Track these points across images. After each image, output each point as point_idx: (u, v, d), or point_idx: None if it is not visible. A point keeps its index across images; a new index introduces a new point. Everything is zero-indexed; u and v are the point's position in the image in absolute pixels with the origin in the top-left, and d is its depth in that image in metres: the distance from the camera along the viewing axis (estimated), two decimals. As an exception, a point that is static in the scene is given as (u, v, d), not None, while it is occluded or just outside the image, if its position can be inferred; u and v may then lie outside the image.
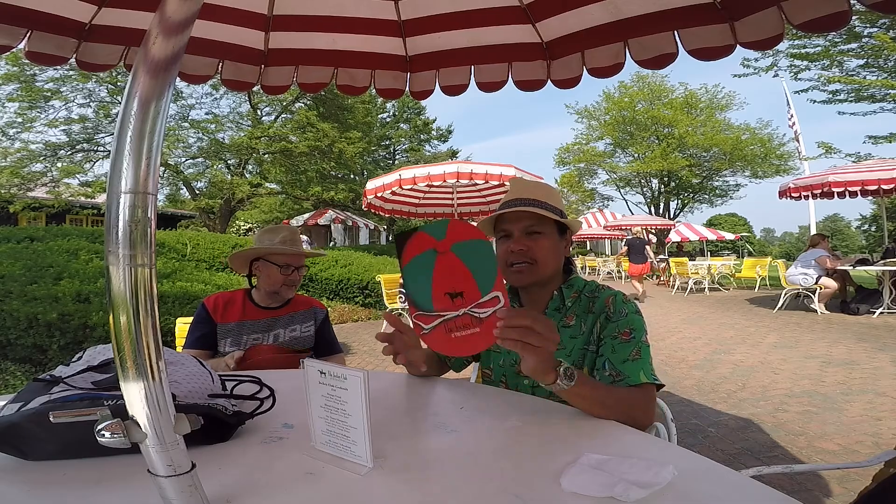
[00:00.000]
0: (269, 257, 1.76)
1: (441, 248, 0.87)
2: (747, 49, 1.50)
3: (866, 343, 4.98)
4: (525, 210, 1.12)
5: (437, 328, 0.85)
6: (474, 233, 0.88)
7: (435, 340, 0.86)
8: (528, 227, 1.14)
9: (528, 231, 1.14)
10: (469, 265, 0.85)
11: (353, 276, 8.12)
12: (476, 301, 0.83)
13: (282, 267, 1.75)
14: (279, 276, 1.75)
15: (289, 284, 1.78)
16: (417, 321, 0.88)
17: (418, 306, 0.87)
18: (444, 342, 0.85)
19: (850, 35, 11.14)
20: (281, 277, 1.75)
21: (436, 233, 0.88)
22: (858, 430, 2.72)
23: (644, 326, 1.08)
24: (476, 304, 0.83)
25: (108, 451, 0.69)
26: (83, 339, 4.06)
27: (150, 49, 0.48)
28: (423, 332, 0.87)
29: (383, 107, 24.63)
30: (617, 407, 0.90)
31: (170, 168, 15.58)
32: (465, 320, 0.83)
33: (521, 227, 1.14)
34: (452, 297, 0.84)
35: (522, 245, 1.13)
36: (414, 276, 0.88)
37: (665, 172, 22.49)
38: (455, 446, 0.78)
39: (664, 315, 7.68)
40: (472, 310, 0.83)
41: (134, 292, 0.46)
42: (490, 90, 1.96)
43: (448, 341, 0.84)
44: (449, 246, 0.86)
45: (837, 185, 7.53)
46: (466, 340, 0.83)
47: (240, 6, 1.75)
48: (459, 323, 0.84)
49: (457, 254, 0.86)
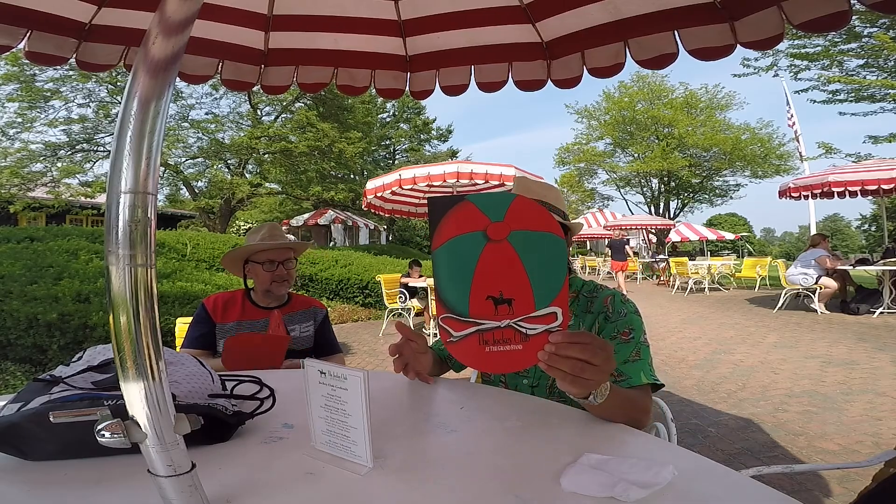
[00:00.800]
0: (252, 257, 1.76)
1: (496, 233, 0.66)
2: (747, 49, 1.50)
3: (866, 343, 4.98)
4: None
5: (470, 338, 0.68)
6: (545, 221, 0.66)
7: (465, 352, 0.69)
8: None
9: None
10: (528, 265, 0.66)
11: (353, 276, 8.13)
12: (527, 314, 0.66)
13: (264, 264, 1.74)
14: (265, 274, 1.74)
15: (278, 280, 1.75)
16: (445, 325, 0.69)
17: (449, 306, 0.68)
18: (477, 356, 0.68)
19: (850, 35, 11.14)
20: (267, 275, 1.74)
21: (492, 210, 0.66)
22: (858, 430, 2.72)
23: (643, 326, 1.08)
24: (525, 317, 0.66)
25: (108, 451, 0.69)
26: (83, 339, 4.06)
27: (150, 49, 0.48)
28: (451, 340, 0.69)
29: (383, 107, 24.64)
30: (623, 409, 0.89)
31: (170, 168, 15.58)
32: (506, 333, 0.67)
33: None
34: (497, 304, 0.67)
35: None
36: (450, 263, 0.67)
37: (665, 172, 22.49)
38: (455, 446, 0.78)
39: (664, 315, 7.68)
40: (518, 323, 0.66)
41: (134, 292, 0.46)
42: (490, 90, 1.96)
43: (481, 355, 0.68)
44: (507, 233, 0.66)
45: (837, 185, 7.54)
46: (504, 357, 0.67)
47: (240, 6, 1.75)
48: (499, 335, 0.67)
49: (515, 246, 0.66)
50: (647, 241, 22.90)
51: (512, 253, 0.66)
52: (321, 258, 8.72)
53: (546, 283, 0.66)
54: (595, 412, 0.87)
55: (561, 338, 0.65)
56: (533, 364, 0.68)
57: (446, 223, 0.67)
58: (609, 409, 0.85)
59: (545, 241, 0.66)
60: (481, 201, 0.67)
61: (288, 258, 1.77)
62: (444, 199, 0.67)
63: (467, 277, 0.67)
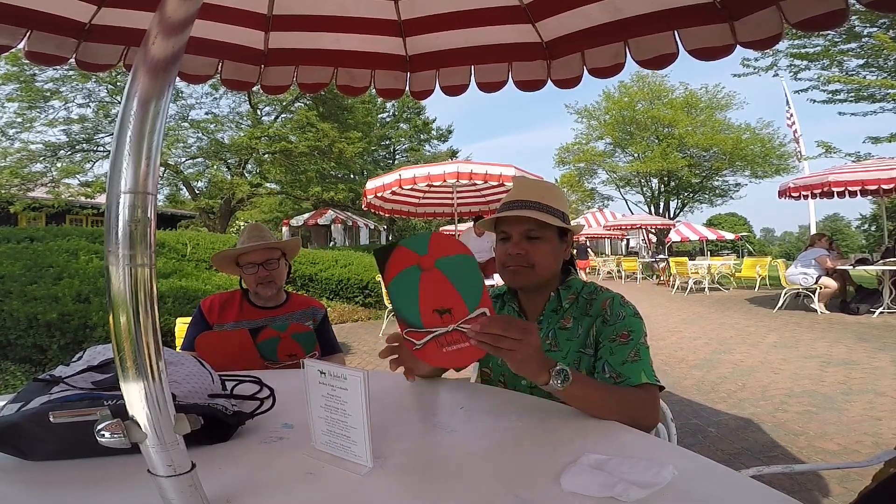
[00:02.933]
0: (238, 260, 1.74)
1: (425, 263, 0.85)
2: (747, 49, 1.50)
3: (866, 343, 4.98)
4: (525, 215, 1.10)
5: (429, 343, 0.85)
6: (458, 247, 0.86)
7: (428, 355, 0.86)
8: (528, 232, 1.12)
9: (527, 236, 1.12)
10: (454, 281, 0.84)
11: (353, 276, 8.12)
12: (464, 317, 0.82)
13: (245, 267, 1.72)
14: (249, 277, 1.72)
15: (263, 283, 1.72)
16: (408, 337, 0.87)
17: (408, 323, 0.86)
18: (438, 356, 0.85)
19: (850, 35, 11.13)
20: (250, 277, 1.72)
21: (418, 248, 0.85)
22: (858, 430, 2.72)
23: (643, 329, 1.08)
24: (464, 320, 0.82)
25: (108, 451, 0.69)
26: (83, 339, 4.06)
27: (150, 49, 0.48)
28: (416, 347, 0.86)
29: (383, 107, 24.63)
30: (619, 408, 0.89)
31: (170, 168, 15.58)
32: (455, 336, 0.83)
33: (520, 231, 1.12)
34: (441, 314, 0.84)
35: (520, 249, 1.11)
36: (400, 293, 0.86)
37: (665, 172, 22.50)
38: (455, 446, 0.78)
39: (664, 315, 7.68)
40: (460, 326, 0.83)
41: (134, 292, 0.46)
42: (490, 90, 1.96)
43: (441, 355, 0.85)
44: (433, 262, 0.85)
45: (837, 184, 7.54)
46: (459, 354, 0.84)
47: (240, 6, 1.75)
48: (450, 339, 0.84)
49: (441, 270, 0.84)
50: (647, 241, 22.91)
51: (440, 275, 0.84)
52: (321, 258, 8.72)
53: (472, 291, 0.83)
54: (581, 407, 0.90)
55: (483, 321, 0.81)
56: (481, 356, 0.84)
57: (390, 265, 0.86)
58: (594, 404, 0.89)
59: (461, 261, 0.85)
60: (409, 244, 0.86)
61: (268, 259, 1.72)
62: (384, 248, 0.87)
63: (415, 299, 0.85)
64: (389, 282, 0.87)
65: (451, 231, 8.09)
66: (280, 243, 1.78)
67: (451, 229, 8.34)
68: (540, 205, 1.13)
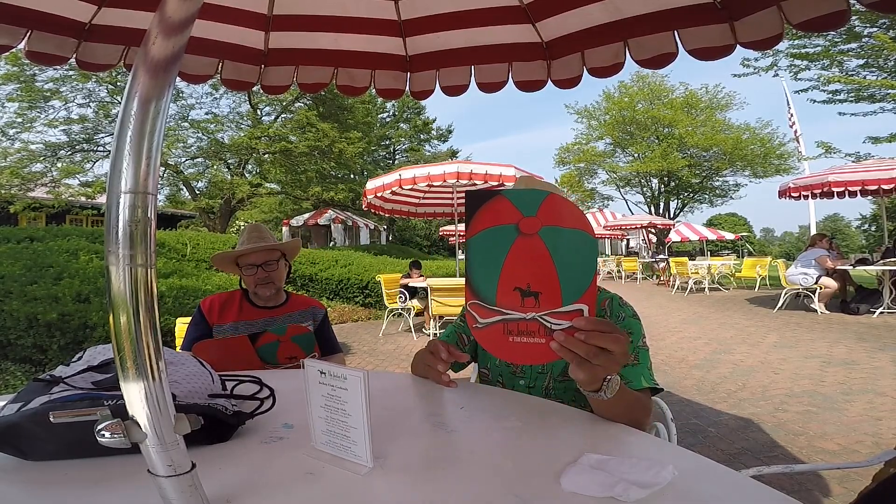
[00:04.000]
0: (238, 261, 1.75)
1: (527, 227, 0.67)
2: (747, 49, 1.50)
3: (866, 343, 4.98)
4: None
5: (495, 326, 0.70)
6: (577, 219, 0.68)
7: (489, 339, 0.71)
8: None
9: None
10: (557, 260, 0.67)
11: (353, 276, 8.13)
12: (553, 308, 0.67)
13: (244, 268, 1.72)
14: (248, 278, 1.73)
15: (262, 283, 1.72)
16: (472, 311, 0.71)
17: (478, 293, 0.70)
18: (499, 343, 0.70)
19: (850, 35, 11.13)
20: (249, 278, 1.73)
21: (525, 205, 0.68)
22: (858, 430, 2.72)
23: (642, 330, 1.08)
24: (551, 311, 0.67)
25: (108, 451, 0.69)
26: (83, 339, 4.06)
27: (150, 49, 0.48)
28: (477, 326, 0.72)
29: (383, 107, 24.65)
30: (626, 411, 0.89)
31: (170, 168, 15.58)
32: (531, 325, 0.68)
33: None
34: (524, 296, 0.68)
35: None
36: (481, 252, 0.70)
37: (665, 172, 22.49)
38: (455, 446, 0.78)
39: (664, 315, 7.68)
40: (543, 316, 0.67)
41: (134, 292, 0.46)
42: (490, 91, 1.96)
43: (504, 344, 0.70)
44: (538, 228, 0.67)
45: (837, 185, 7.55)
46: (528, 348, 0.69)
47: (240, 6, 1.75)
48: (523, 327, 0.69)
49: (545, 241, 0.67)
50: (647, 241, 22.91)
51: (542, 247, 0.67)
52: (321, 258, 8.72)
53: (574, 280, 0.67)
54: (600, 410, 0.88)
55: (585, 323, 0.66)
56: (556, 359, 0.68)
57: (481, 215, 0.70)
58: (615, 408, 0.86)
59: (576, 239, 0.67)
60: (515, 197, 0.69)
61: (267, 260, 1.73)
62: (480, 192, 0.70)
63: (497, 267, 0.69)
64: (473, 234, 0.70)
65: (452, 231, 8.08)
66: (280, 244, 1.78)
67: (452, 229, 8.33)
68: None
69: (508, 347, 0.70)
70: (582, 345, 0.66)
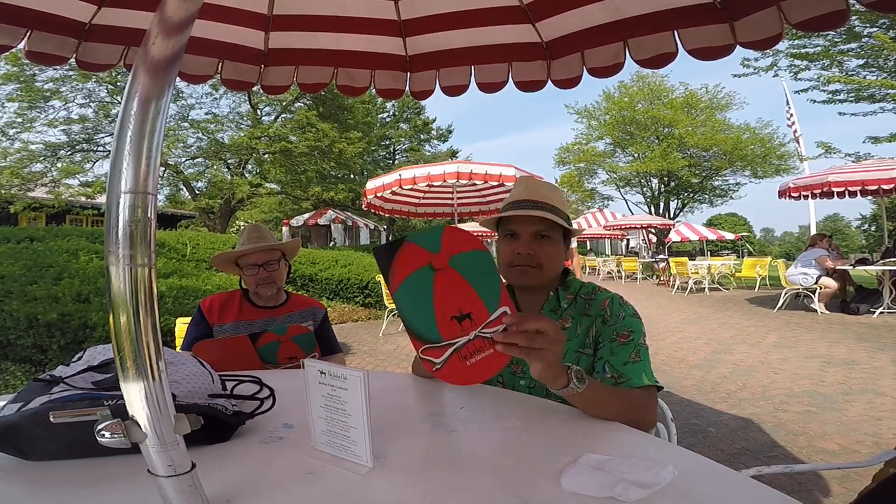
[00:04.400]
0: (238, 261, 1.75)
1: (438, 262, 0.74)
2: (747, 49, 1.50)
3: (866, 343, 4.98)
4: (538, 214, 1.11)
5: (451, 359, 0.73)
6: (472, 241, 0.77)
7: (450, 374, 0.74)
8: (540, 232, 1.12)
9: (538, 235, 1.13)
10: (471, 281, 0.74)
11: (353, 276, 8.13)
12: (485, 321, 0.73)
13: (245, 268, 1.72)
14: (249, 278, 1.73)
15: (263, 283, 1.72)
16: (426, 356, 0.74)
17: (422, 338, 0.74)
18: (461, 373, 0.73)
19: (850, 35, 11.14)
20: (250, 278, 1.72)
21: (428, 244, 0.75)
22: (858, 430, 2.72)
23: (642, 329, 1.08)
24: (485, 324, 0.73)
25: (108, 451, 0.69)
26: (83, 339, 4.06)
27: (150, 49, 0.48)
28: (437, 368, 0.73)
29: (383, 107, 24.66)
30: (622, 409, 0.89)
31: (170, 168, 15.58)
32: (477, 343, 0.73)
33: (531, 230, 1.13)
34: (460, 321, 0.73)
35: (530, 249, 1.12)
36: (410, 301, 0.74)
37: (665, 172, 22.50)
38: (455, 446, 0.78)
39: (664, 315, 7.68)
40: (482, 331, 0.73)
41: (134, 292, 0.46)
42: (490, 91, 1.96)
43: (465, 371, 0.73)
44: (447, 260, 0.74)
45: (837, 185, 7.54)
46: (483, 364, 0.73)
47: (240, 6, 1.75)
48: (472, 347, 0.73)
49: (457, 268, 0.74)
50: (647, 241, 22.91)
51: (456, 275, 0.74)
52: (321, 258, 8.72)
53: (489, 289, 0.74)
54: (584, 407, 0.89)
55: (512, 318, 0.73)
56: (508, 361, 0.74)
57: (396, 267, 0.74)
58: (598, 404, 0.88)
59: (476, 256, 0.76)
60: (418, 240, 0.75)
61: (268, 260, 1.73)
62: (386, 246, 0.75)
63: (429, 307, 0.74)
64: (397, 287, 0.74)
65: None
66: (280, 244, 1.78)
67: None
68: (549, 206, 1.14)
69: (471, 371, 0.74)
70: (518, 335, 0.72)
